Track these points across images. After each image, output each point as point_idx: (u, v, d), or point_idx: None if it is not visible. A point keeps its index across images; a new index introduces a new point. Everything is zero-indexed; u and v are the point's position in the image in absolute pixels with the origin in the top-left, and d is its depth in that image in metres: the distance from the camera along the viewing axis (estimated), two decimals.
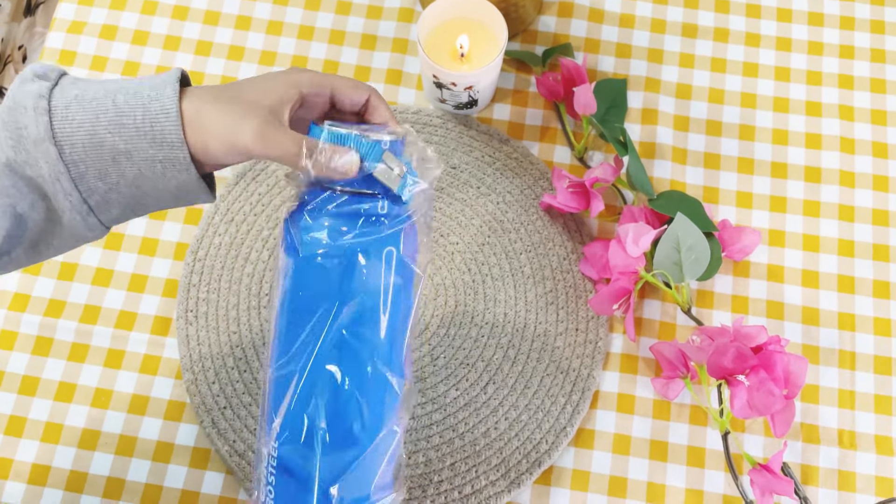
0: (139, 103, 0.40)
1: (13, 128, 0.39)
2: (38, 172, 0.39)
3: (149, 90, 0.41)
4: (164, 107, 0.40)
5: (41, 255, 0.43)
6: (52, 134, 0.39)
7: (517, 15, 0.69)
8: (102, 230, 0.43)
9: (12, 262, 0.42)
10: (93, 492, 0.59)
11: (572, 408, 0.61)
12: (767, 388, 0.55)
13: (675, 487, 0.59)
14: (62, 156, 0.39)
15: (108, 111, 0.40)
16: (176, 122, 0.40)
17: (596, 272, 0.63)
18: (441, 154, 0.68)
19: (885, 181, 0.68)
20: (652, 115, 0.70)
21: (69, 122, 0.39)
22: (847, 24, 0.73)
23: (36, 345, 0.63)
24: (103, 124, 0.40)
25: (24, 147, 0.39)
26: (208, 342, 0.62)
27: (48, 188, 0.40)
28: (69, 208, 0.41)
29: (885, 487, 0.59)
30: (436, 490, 0.59)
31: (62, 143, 0.39)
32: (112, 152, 0.40)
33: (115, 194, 0.41)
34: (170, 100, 0.40)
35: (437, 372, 0.62)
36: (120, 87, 0.41)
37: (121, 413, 0.61)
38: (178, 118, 0.40)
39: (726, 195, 0.67)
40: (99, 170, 0.40)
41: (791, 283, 0.65)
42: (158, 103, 0.40)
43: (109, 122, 0.40)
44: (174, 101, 0.40)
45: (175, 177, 0.41)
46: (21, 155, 0.39)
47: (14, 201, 0.40)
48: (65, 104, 0.40)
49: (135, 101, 0.40)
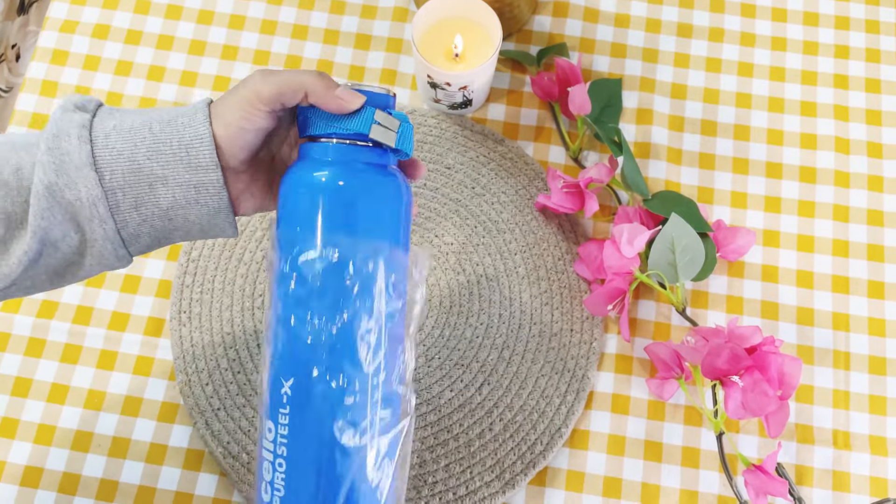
0: (175, 131, 0.43)
1: (57, 154, 0.41)
2: (77, 196, 0.41)
3: (182, 118, 0.43)
4: (197, 132, 0.43)
5: (64, 282, 0.45)
6: (94, 160, 0.42)
7: (512, 15, 0.69)
8: (128, 260, 0.45)
9: (34, 286, 0.44)
10: (86, 494, 0.59)
11: (567, 408, 0.60)
12: (761, 389, 0.55)
13: (670, 488, 0.59)
14: (102, 182, 0.42)
15: (145, 139, 0.42)
16: (210, 145, 0.43)
17: (591, 272, 0.63)
18: (436, 154, 0.67)
19: (879, 181, 0.68)
20: (647, 115, 0.69)
21: (109, 151, 0.42)
22: (842, 24, 0.73)
23: (28, 346, 0.63)
24: (142, 151, 0.42)
25: (65, 171, 0.41)
26: (202, 343, 0.62)
27: (84, 214, 0.42)
28: (102, 236, 0.43)
29: (879, 488, 0.60)
30: (430, 491, 0.58)
31: (102, 170, 0.42)
32: (150, 178, 0.42)
33: (148, 227, 0.44)
34: (202, 125, 0.43)
35: (432, 373, 0.61)
36: (154, 116, 0.44)
37: (114, 415, 0.61)
38: (211, 142, 0.43)
39: (721, 195, 0.67)
40: (135, 198, 0.42)
41: (786, 284, 0.65)
42: (192, 129, 0.43)
43: (148, 149, 0.42)
44: (206, 127, 0.43)
45: (206, 203, 0.44)
46: (62, 178, 0.41)
47: (48, 225, 0.41)
48: (104, 134, 0.42)
49: (170, 130, 0.43)
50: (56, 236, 0.42)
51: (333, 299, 0.42)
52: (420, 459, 0.59)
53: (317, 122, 0.44)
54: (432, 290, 0.64)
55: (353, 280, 0.42)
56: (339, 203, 0.43)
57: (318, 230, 0.42)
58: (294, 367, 0.42)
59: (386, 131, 0.44)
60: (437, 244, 0.65)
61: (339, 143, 0.44)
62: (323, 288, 0.42)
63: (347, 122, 0.43)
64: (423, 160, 0.67)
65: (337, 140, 0.44)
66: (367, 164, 0.44)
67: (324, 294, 0.42)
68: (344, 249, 0.42)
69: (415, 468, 0.59)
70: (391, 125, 0.44)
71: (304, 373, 0.42)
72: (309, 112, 0.44)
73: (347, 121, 0.43)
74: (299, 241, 0.42)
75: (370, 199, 0.43)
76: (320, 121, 0.44)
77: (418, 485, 0.59)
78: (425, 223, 0.66)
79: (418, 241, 0.65)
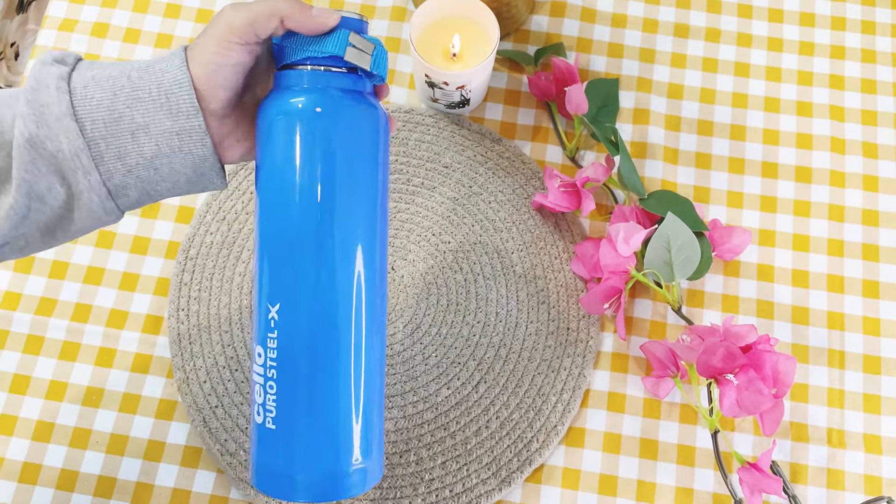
0: (153, 78, 0.42)
1: (36, 105, 0.41)
2: (59, 147, 0.41)
3: (159, 63, 0.42)
4: (175, 78, 0.42)
5: (56, 240, 0.44)
6: (74, 111, 0.41)
7: (509, 14, 0.69)
8: (118, 215, 0.44)
9: (28, 245, 0.43)
10: (84, 490, 0.59)
11: (563, 406, 0.61)
12: (756, 388, 0.55)
13: (665, 486, 0.60)
14: (83, 132, 0.41)
15: (124, 87, 0.42)
16: (188, 90, 0.42)
17: (587, 271, 0.63)
18: (433, 153, 0.68)
19: (874, 181, 0.68)
20: (643, 115, 0.70)
21: (88, 101, 0.41)
22: (838, 25, 0.73)
23: (27, 343, 0.63)
24: (121, 100, 0.41)
25: (46, 123, 0.40)
26: (200, 341, 0.62)
27: (67, 165, 0.41)
28: (87, 188, 0.42)
29: (873, 485, 0.60)
30: (427, 489, 0.59)
31: (83, 120, 0.41)
32: (131, 126, 0.41)
33: (133, 178, 0.43)
34: (179, 70, 0.42)
35: (429, 371, 0.62)
36: (133, 66, 0.43)
37: (112, 412, 0.61)
38: (190, 86, 0.42)
39: (717, 195, 0.68)
40: (118, 148, 0.42)
41: (781, 283, 0.65)
42: (170, 75, 0.42)
43: (127, 98, 0.41)
44: (184, 71, 0.42)
45: (191, 152, 0.43)
46: (43, 130, 0.40)
47: (32, 178, 0.41)
48: (83, 84, 0.41)
49: (148, 77, 0.42)
50: (41, 189, 0.41)
51: (314, 228, 0.43)
52: (417, 457, 0.60)
53: (291, 49, 0.43)
54: (429, 288, 0.64)
55: (332, 208, 0.43)
56: (317, 129, 0.43)
57: (297, 158, 0.42)
58: (280, 293, 0.43)
59: (361, 54, 0.44)
60: (435, 242, 0.65)
61: (315, 70, 0.43)
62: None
63: (322, 45, 0.43)
64: (421, 159, 0.68)
65: (312, 66, 0.43)
66: (343, 90, 0.44)
67: (304, 222, 0.43)
68: (324, 177, 0.42)
69: (411, 466, 0.59)
70: (366, 48, 0.44)
71: (290, 298, 0.43)
72: (283, 40, 0.44)
73: (322, 43, 0.43)
74: (278, 171, 0.43)
75: (348, 126, 0.43)
76: (295, 46, 0.43)
77: (415, 482, 0.59)
78: (423, 221, 0.66)
79: (416, 241, 0.65)
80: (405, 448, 0.60)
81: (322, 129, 0.43)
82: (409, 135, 0.68)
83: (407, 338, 0.63)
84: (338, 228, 0.43)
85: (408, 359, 0.62)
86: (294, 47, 0.43)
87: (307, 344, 0.43)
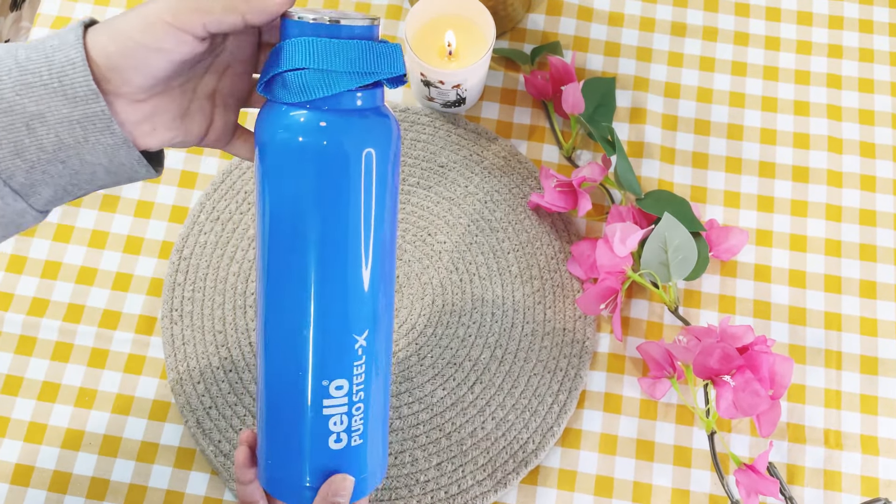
0: (43, 57, 0.35)
1: None
2: None
3: (51, 40, 0.36)
4: (68, 57, 0.35)
5: None
6: None
7: (506, 13, 0.69)
8: (36, 215, 0.39)
9: None
10: (76, 492, 0.59)
11: (559, 407, 0.60)
12: (753, 389, 0.55)
13: (662, 487, 0.60)
14: None
15: (11, 71, 0.35)
16: (84, 70, 0.35)
17: (583, 271, 0.63)
18: (429, 153, 0.67)
19: (872, 181, 0.68)
20: (640, 115, 0.69)
21: None
22: (836, 24, 0.73)
23: (19, 344, 0.62)
24: (9, 86, 0.35)
25: None
26: (193, 341, 0.62)
27: None
28: None
29: (870, 487, 0.60)
30: (422, 490, 0.58)
31: None
32: (24, 117, 0.35)
33: (40, 174, 0.37)
34: (73, 48, 0.35)
35: (424, 371, 0.61)
36: (21, 45, 0.36)
37: (105, 413, 0.61)
38: (85, 66, 0.35)
39: (714, 195, 0.67)
40: (14, 143, 0.36)
41: (778, 283, 0.65)
42: (63, 53, 0.35)
43: (15, 83, 0.35)
44: (78, 50, 0.35)
45: (100, 141, 0.37)
46: None
47: None
48: None
49: (37, 56, 0.35)
50: None
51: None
52: (412, 458, 0.59)
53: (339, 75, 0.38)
54: (425, 288, 0.64)
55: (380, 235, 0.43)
56: (333, 162, 0.40)
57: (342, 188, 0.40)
58: (367, 322, 0.43)
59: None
60: (430, 242, 0.65)
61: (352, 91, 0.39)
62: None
63: (387, 66, 0.40)
64: (416, 158, 0.67)
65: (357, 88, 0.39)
66: (371, 108, 0.41)
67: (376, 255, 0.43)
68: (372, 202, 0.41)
69: (406, 467, 0.59)
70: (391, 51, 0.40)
71: (375, 325, 0.44)
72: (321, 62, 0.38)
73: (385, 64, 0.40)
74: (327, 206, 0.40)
75: (377, 140, 0.41)
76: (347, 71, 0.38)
77: (410, 483, 0.59)
78: (418, 222, 0.65)
79: (411, 241, 0.65)
80: (400, 449, 0.59)
81: (338, 159, 0.40)
82: (404, 134, 0.68)
83: (402, 338, 0.62)
84: (383, 251, 0.43)
85: (403, 359, 0.62)
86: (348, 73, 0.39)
87: (385, 361, 0.45)
